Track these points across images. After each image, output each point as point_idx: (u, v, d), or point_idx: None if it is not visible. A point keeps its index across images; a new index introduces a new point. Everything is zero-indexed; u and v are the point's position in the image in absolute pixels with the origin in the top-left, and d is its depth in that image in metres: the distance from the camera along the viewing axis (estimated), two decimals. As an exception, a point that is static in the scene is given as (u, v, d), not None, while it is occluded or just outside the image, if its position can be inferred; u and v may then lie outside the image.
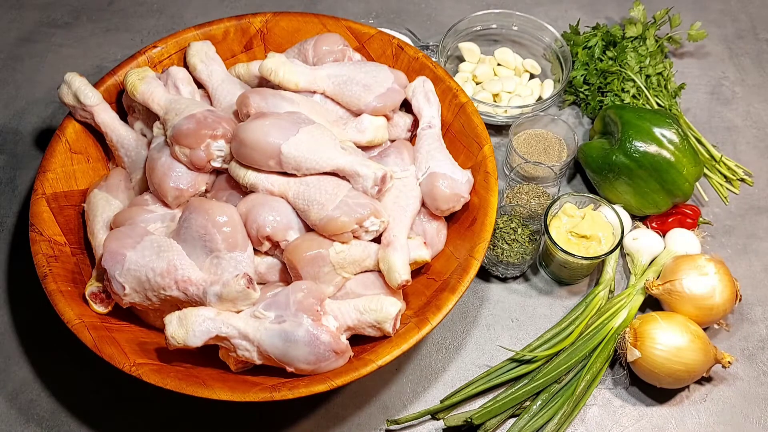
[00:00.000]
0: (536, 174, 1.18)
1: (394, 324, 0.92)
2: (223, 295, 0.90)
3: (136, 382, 0.88)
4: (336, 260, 0.95)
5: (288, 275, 0.97)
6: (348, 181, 0.98)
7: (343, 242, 0.96)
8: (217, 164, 1.00)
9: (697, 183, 1.16)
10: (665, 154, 1.11)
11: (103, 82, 1.11)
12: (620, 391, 1.04)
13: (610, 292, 1.11)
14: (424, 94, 1.09)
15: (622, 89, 1.28)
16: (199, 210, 0.94)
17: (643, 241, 1.12)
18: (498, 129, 1.30)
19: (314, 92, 1.08)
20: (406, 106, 1.12)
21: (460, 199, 1.02)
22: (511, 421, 1.00)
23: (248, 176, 0.98)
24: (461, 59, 1.37)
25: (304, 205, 0.96)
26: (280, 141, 0.95)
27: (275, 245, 0.97)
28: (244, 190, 1.00)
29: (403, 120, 1.12)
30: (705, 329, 1.05)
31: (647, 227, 1.17)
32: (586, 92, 1.31)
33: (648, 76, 1.29)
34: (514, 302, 1.12)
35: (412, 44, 1.20)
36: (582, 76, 1.31)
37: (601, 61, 1.31)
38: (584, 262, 1.06)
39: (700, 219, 1.19)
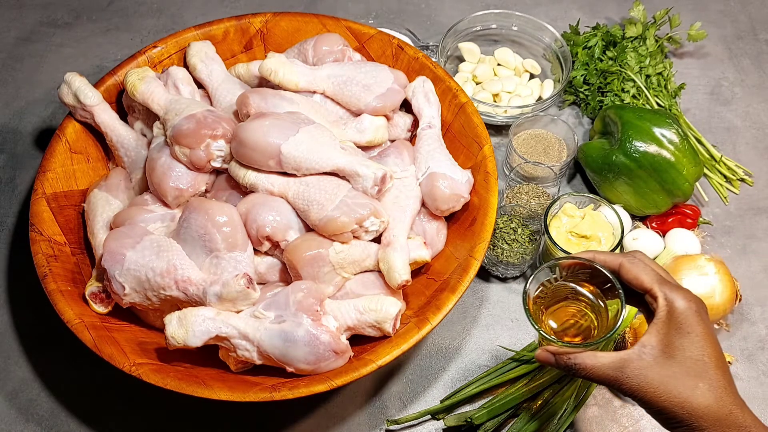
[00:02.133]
0: (536, 174, 1.18)
1: (394, 324, 0.92)
2: (223, 295, 0.90)
3: (136, 382, 0.88)
4: (336, 260, 0.95)
5: (288, 275, 0.97)
6: (348, 181, 0.98)
7: (343, 242, 0.96)
8: (217, 164, 1.00)
9: (697, 183, 1.16)
10: (665, 154, 1.11)
11: (103, 82, 1.11)
12: (620, 391, 1.04)
13: (610, 292, 1.11)
14: (424, 94, 1.09)
15: (622, 89, 1.28)
16: (199, 210, 0.94)
17: (643, 241, 1.12)
18: (498, 129, 1.30)
19: (314, 92, 1.08)
20: (406, 106, 1.12)
21: (460, 199, 1.02)
22: (511, 421, 1.00)
23: (248, 176, 0.98)
24: (461, 59, 1.37)
25: (304, 205, 0.96)
26: (279, 141, 0.95)
27: (275, 245, 0.97)
28: (244, 190, 1.00)
29: (403, 120, 1.12)
30: (705, 329, 1.05)
31: (647, 227, 1.17)
32: (586, 92, 1.31)
33: (648, 76, 1.29)
34: (514, 302, 1.12)
35: (412, 44, 1.20)
36: (582, 76, 1.31)
37: (601, 61, 1.31)
38: (584, 262, 1.06)
39: (700, 219, 1.19)
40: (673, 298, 0.74)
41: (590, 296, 0.83)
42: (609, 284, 0.79)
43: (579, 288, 0.84)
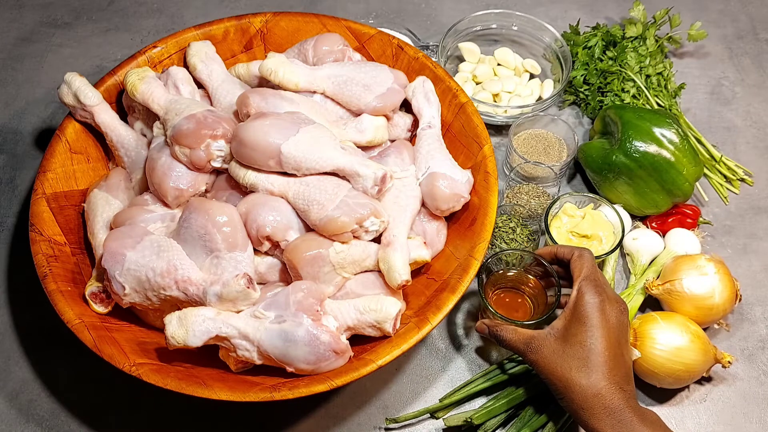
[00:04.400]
0: (536, 174, 1.18)
1: (394, 324, 0.92)
2: (223, 295, 0.90)
3: (137, 382, 0.88)
4: (336, 260, 0.95)
5: (288, 275, 0.97)
6: (348, 181, 0.98)
7: (343, 242, 0.96)
8: (217, 164, 1.00)
9: (697, 183, 1.16)
10: (665, 154, 1.11)
11: (103, 82, 1.11)
12: (620, 391, 1.04)
13: (610, 292, 1.11)
14: (424, 94, 1.09)
15: (622, 89, 1.28)
16: (199, 210, 0.94)
17: (643, 241, 1.12)
18: (498, 129, 1.30)
19: (314, 92, 1.08)
20: (406, 106, 1.12)
21: (460, 199, 1.02)
22: (512, 421, 1.00)
23: (248, 176, 0.98)
24: (461, 59, 1.37)
25: (304, 205, 0.96)
26: (279, 141, 0.95)
27: (275, 245, 0.97)
28: (244, 190, 1.00)
29: (403, 120, 1.12)
30: (705, 329, 1.05)
31: (647, 227, 1.17)
32: (586, 92, 1.31)
33: (648, 76, 1.29)
34: (514, 302, 1.12)
35: (412, 44, 1.20)
36: (582, 76, 1.31)
37: (601, 61, 1.31)
38: (584, 262, 1.06)
39: (700, 219, 1.19)
40: (585, 292, 0.88)
41: (535, 286, 1.03)
42: (553, 281, 0.98)
43: (529, 277, 1.03)
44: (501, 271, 1.04)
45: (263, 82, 1.11)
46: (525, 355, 0.90)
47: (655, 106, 1.25)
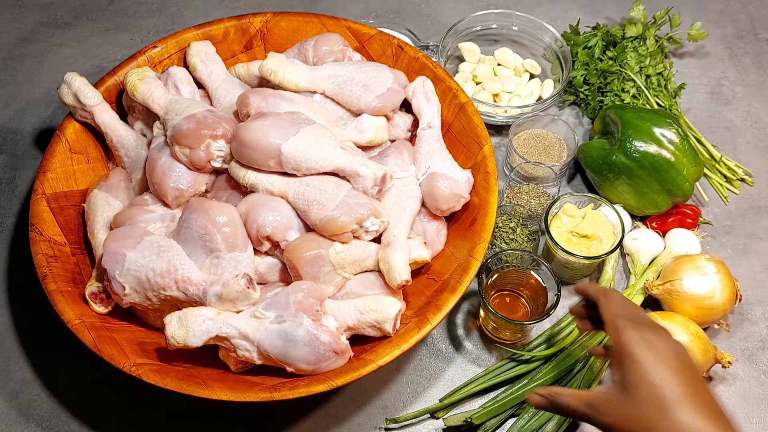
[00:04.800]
0: (536, 174, 1.18)
1: (394, 324, 0.92)
2: (223, 295, 0.90)
3: (136, 382, 0.88)
4: (336, 260, 0.95)
5: (288, 275, 0.97)
6: (348, 181, 0.98)
7: (343, 242, 0.96)
8: (217, 164, 1.00)
9: (697, 183, 1.16)
10: (665, 154, 1.11)
11: (103, 82, 1.11)
12: (620, 391, 1.04)
13: (610, 292, 1.11)
14: (424, 94, 1.09)
15: (622, 89, 1.28)
16: (199, 210, 0.94)
17: (643, 241, 1.12)
18: (498, 129, 1.30)
19: (314, 92, 1.08)
20: (406, 106, 1.12)
21: (460, 199, 1.02)
22: (511, 421, 1.00)
23: (248, 176, 0.98)
24: (461, 59, 1.37)
25: (304, 205, 0.96)
26: (279, 141, 0.95)
27: (275, 245, 0.97)
28: (244, 190, 1.00)
29: (403, 120, 1.12)
30: (705, 329, 1.05)
31: (647, 227, 1.17)
32: (586, 92, 1.31)
33: (648, 76, 1.29)
34: (514, 302, 1.12)
35: (412, 44, 1.20)
36: (582, 76, 1.31)
37: (601, 61, 1.31)
38: (585, 261, 1.06)
39: (700, 219, 1.19)
40: (621, 332, 0.77)
41: (536, 287, 1.04)
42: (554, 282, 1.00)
43: (529, 277, 1.04)
44: (501, 271, 1.04)
45: (263, 82, 1.11)
46: (595, 419, 0.76)
47: (655, 106, 1.25)
